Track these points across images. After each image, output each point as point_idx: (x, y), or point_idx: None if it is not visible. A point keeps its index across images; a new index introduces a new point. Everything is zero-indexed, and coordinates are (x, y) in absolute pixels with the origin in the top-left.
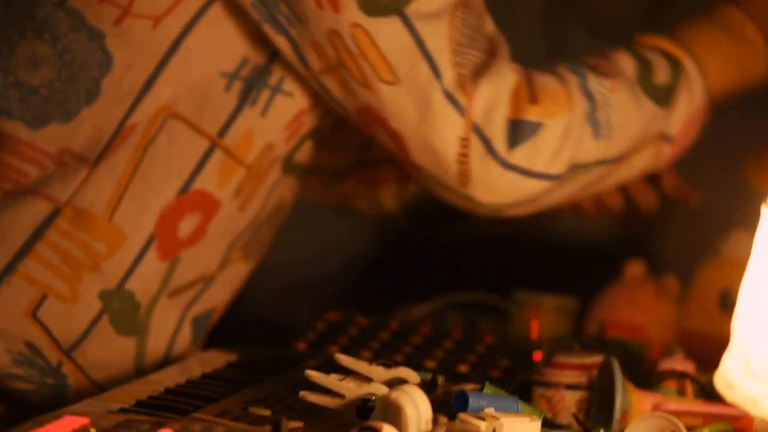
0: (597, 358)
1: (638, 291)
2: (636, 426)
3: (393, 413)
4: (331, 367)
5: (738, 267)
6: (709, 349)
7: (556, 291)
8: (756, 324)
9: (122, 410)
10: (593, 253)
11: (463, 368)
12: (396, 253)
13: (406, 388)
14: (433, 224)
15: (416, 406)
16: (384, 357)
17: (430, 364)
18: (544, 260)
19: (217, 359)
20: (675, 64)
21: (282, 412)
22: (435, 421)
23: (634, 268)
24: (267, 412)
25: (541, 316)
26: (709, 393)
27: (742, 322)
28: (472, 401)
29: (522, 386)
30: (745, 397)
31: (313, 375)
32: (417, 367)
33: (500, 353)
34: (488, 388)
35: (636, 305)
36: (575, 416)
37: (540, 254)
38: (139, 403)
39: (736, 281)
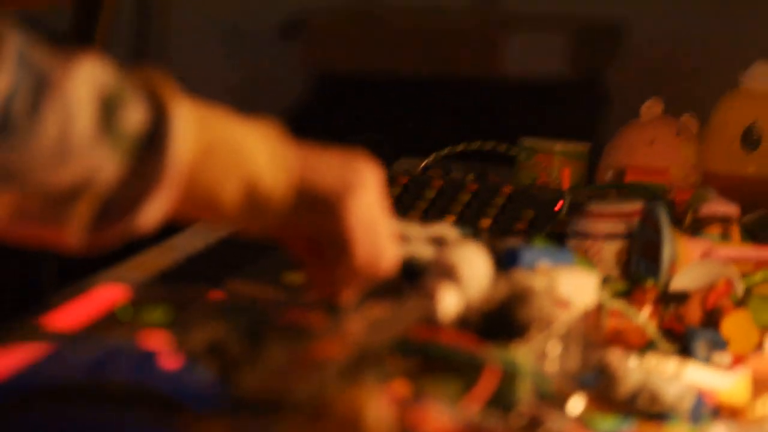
0: (636, 206)
1: (657, 132)
2: (686, 274)
3: (449, 273)
4: None
5: (761, 100)
6: (732, 191)
7: (565, 136)
8: None
9: (151, 282)
10: (602, 94)
11: (485, 222)
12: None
13: (463, 244)
14: None
15: (475, 264)
16: (396, 213)
17: (449, 219)
18: (550, 104)
19: None
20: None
21: None
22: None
23: (652, 108)
24: (300, 278)
25: (552, 164)
26: (754, 236)
27: None
28: (525, 256)
29: (551, 238)
30: None
31: None
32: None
33: (522, 204)
34: (539, 242)
35: (656, 147)
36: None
37: (545, 98)
38: (165, 275)
39: (759, 116)
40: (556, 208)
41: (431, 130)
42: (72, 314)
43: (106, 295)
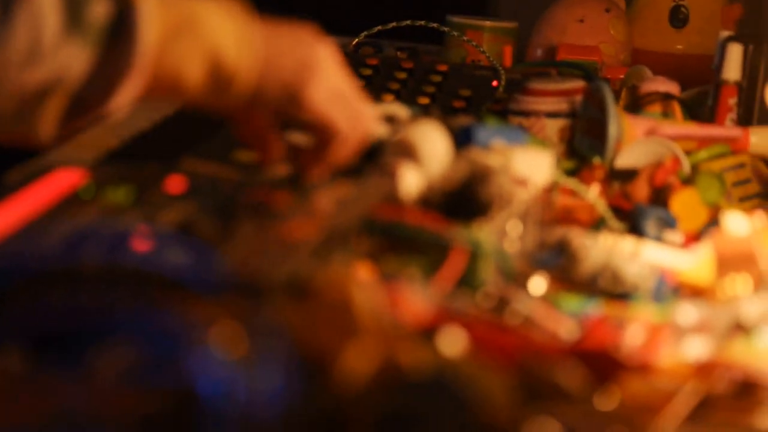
0: (578, 83)
1: (586, 9)
2: (631, 152)
3: (409, 151)
4: None
5: None
6: (661, 68)
7: (491, 15)
8: None
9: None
10: None
11: (423, 100)
12: None
13: (420, 123)
14: None
15: (433, 142)
16: None
17: (387, 97)
18: None
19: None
20: None
21: None
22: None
23: None
24: (252, 157)
25: (482, 41)
26: (691, 113)
27: None
28: (479, 134)
29: (491, 115)
30: None
31: None
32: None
33: (459, 82)
34: (490, 120)
35: (586, 24)
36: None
37: None
38: (115, 154)
39: None
40: (494, 86)
41: (346, 11)
42: (33, 197)
43: (65, 176)
